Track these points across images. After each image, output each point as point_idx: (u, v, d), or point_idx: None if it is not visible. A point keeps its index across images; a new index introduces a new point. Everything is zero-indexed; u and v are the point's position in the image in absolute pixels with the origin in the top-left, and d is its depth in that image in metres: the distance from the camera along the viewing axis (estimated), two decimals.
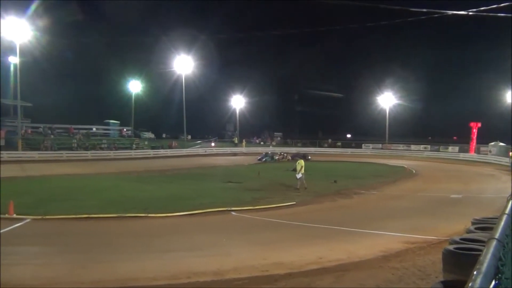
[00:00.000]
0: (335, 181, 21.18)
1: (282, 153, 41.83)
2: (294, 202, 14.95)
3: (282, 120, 69.66)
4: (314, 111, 67.49)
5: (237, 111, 60.83)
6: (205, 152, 49.71)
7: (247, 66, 64.79)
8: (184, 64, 48.94)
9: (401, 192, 18.94)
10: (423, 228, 10.56)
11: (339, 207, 14.86)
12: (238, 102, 60.59)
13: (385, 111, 56.74)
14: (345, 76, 66.72)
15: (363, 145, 56.53)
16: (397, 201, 16.36)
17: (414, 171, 28.88)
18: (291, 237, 9.88)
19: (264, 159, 38.54)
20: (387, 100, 56.44)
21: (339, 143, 58.59)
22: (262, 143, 64.05)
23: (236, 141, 57.57)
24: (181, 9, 64.42)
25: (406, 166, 31.60)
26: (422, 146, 51.11)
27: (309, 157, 38.41)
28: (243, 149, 53.67)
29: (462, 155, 43.22)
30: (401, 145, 53.45)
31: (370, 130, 58.49)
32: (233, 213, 12.94)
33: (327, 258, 7.77)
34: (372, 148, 54.90)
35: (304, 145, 60.44)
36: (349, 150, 54.41)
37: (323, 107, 66.02)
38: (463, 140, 46.60)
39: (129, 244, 9.13)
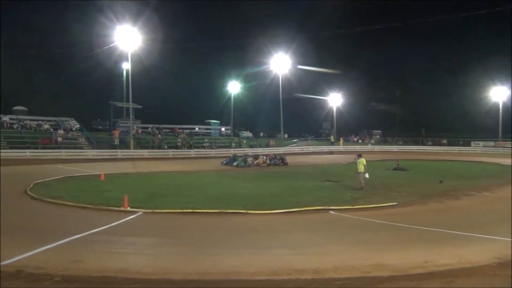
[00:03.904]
0: (440, 181, 19.91)
1: (269, 155, 33.89)
2: (396, 203, 14.31)
3: (381, 118, 67.19)
4: (416, 108, 64.18)
5: (334, 109, 59.93)
6: (302, 150, 49.74)
7: (344, 63, 63.62)
8: (280, 63, 49.39)
9: None
10: None
11: (446, 209, 13.90)
12: (335, 100, 59.65)
13: (497, 105, 51.93)
14: (451, 71, 62.27)
15: (472, 142, 52.39)
16: None
17: None
18: (393, 239, 9.47)
19: (235, 164, 30.58)
20: (500, 93, 51.54)
21: (444, 141, 54.98)
22: (360, 141, 62.44)
23: (333, 140, 56.73)
24: (278, 8, 65.08)
25: None
26: None
27: (287, 162, 32.75)
28: (340, 147, 52.80)
29: None
30: None
31: (480, 126, 53.94)
32: (331, 212, 12.77)
33: (434, 262, 7.31)
34: (483, 146, 50.63)
35: (405, 143, 57.81)
36: (456, 148, 50.77)
37: (426, 103, 62.46)
38: None
39: (230, 239, 9.46)
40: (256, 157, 32.70)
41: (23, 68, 49.38)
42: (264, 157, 32.69)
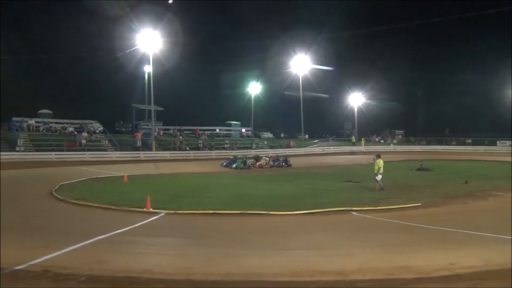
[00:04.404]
0: (466, 182, 19.53)
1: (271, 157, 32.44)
2: (420, 204, 14.09)
3: (404, 117, 66.19)
4: (439, 107, 63.09)
5: (355, 109, 59.38)
6: (323, 151, 49.47)
7: (365, 62, 62.96)
8: (301, 63, 49.22)
9: None
10: None
11: (471, 210, 13.63)
12: (356, 99, 59.08)
13: None
14: (475, 69, 60.84)
15: (498, 142, 51.13)
16: None
17: None
18: (417, 240, 9.31)
19: (234, 165, 29.38)
20: None
21: (469, 140, 53.88)
22: (382, 141, 61.73)
23: (354, 140, 56.22)
24: (297, 8, 64.88)
25: None
26: None
27: (290, 163, 31.50)
28: (362, 147, 52.29)
29: None
30: None
31: (506, 125, 52.59)
32: (353, 213, 12.65)
33: (459, 264, 7.15)
34: (509, 146, 49.33)
35: (429, 143, 56.88)
36: (481, 148, 49.65)
37: (449, 102, 61.36)
38: None
39: (252, 240, 9.46)
40: (257, 158, 31.47)
41: (49, 72, 50.71)
42: (267, 158, 31.56)
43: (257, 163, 30.23)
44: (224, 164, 30.49)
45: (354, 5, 59.99)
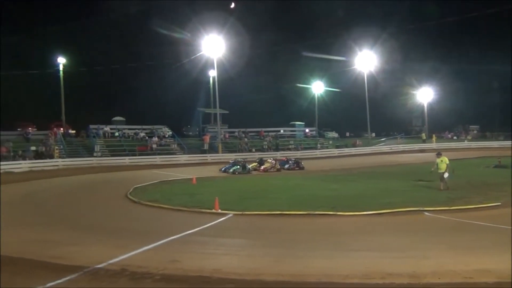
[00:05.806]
0: None
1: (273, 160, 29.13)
2: (499, 203, 13.23)
3: (479, 112, 62.29)
4: None
5: (425, 105, 56.83)
6: (390, 149, 47.90)
7: (435, 55, 60.09)
8: (366, 60, 48.00)
9: None
10: None
11: None
12: (426, 95, 56.50)
13: None
14: None
15: None
16: None
17: None
18: (496, 242, 8.72)
19: (231, 170, 26.75)
20: None
21: None
22: (455, 137, 58.52)
23: (424, 137, 53.79)
24: (361, 4, 63.35)
25: None
26: None
27: (303, 166, 29.23)
28: (433, 145, 49.90)
29: None
30: None
31: None
32: (426, 213, 12.14)
33: None
34: None
35: (507, 139, 53.07)
36: None
37: None
38: None
39: (320, 241, 9.37)
40: (261, 162, 28.78)
41: (121, 81, 53.73)
42: (273, 162, 28.64)
43: (262, 167, 27.86)
44: (223, 169, 27.67)
45: None
